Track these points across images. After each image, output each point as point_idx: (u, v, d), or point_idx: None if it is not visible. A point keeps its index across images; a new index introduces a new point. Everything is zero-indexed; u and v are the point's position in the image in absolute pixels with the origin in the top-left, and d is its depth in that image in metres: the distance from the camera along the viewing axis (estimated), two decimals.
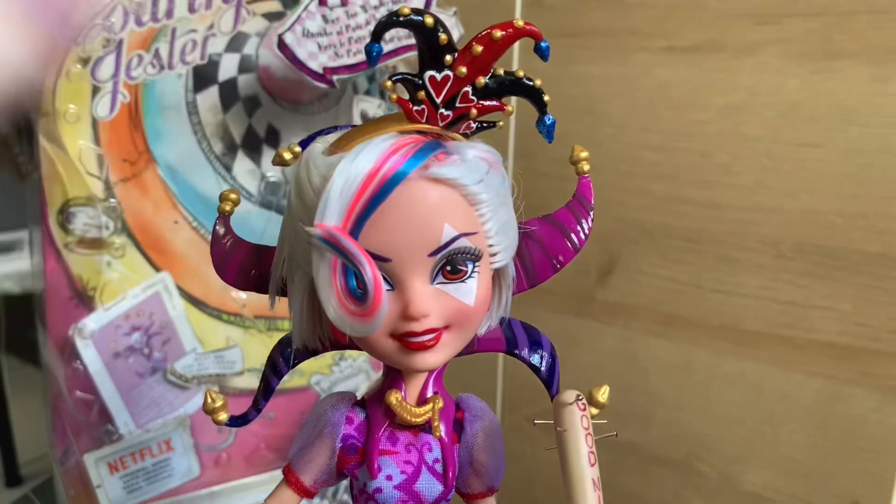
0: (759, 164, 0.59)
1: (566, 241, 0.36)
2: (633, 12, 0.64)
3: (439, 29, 0.29)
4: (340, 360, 0.68)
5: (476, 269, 0.31)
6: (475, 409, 0.37)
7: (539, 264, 0.36)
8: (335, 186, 0.28)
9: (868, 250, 0.55)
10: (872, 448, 0.57)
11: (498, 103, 0.31)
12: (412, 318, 0.30)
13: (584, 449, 0.31)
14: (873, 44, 0.53)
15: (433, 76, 0.30)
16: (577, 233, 0.36)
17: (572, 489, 0.31)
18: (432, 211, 0.29)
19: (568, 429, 0.31)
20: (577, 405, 0.31)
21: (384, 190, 0.28)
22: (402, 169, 0.28)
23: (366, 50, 0.29)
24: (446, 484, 0.36)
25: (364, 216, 0.28)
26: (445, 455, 0.35)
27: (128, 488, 0.61)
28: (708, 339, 0.64)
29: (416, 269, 0.30)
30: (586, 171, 0.36)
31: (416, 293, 0.30)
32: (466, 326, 0.32)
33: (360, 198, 0.28)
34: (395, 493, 0.35)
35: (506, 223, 0.32)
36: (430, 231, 0.30)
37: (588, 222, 0.36)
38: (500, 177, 0.32)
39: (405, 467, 0.35)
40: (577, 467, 0.31)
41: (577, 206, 0.36)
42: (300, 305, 0.33)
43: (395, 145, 0.29)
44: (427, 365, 0.32)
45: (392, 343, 0.32)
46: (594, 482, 0.31)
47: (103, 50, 0.55)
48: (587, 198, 0.36)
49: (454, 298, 0.31)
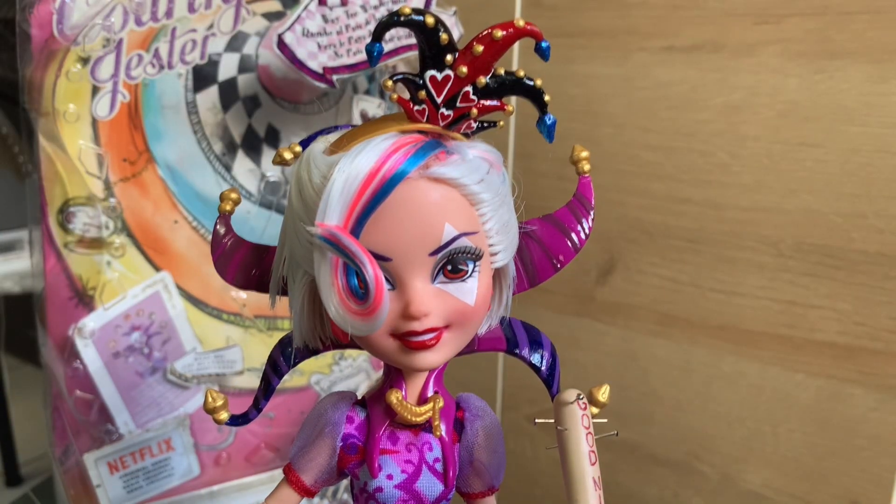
0: (758, 163, 0.59)
1: (566, 241, 0.36)
2: (632, 12, 0.64)
3: (440, 29, 0.29)
4: (340, 359, 0.68)
5: (477, 268, 0.31)
6: (475, 408, 0.37)
7: (539, 264, 0.36)
8: (336, 186, 0.28)
9: (868, 250, 0.55)
10: (872, 448, 0.57)
11: (498, 103, 0.31)
12: (413, 317, 0.30)
13: (585, 448, 0.31)
14: (873, 44, 0.53)
15: (434, 76, 0.30)
16: (578, 232, 0.36)
17: (573, 488, 0.31)
18: (433, 210, 0.29)
19: (569, 428, 0.31)
20: (577, 404, 0.31)
21: (385, 189, 0.28)
22: (403, 168, 0.28)
23: (367, 50, 0.29)
24: (447, 483, 0.36)
25: (365, 215, 0.28)
26: (446, 454, 0.36)
27: (128, 488, 0.61)
28: (708, 339, 0.64)
29: (417, 269, 0.30)
30: (587, 171, 0.36)
31: (417, 292, 0.30)
32: (467, 326, 0.32)
33: (361, 197, 0.28)
34: (395, 492, 0.35)
35: (506, 223, 0.32)
36: (430, 230, 0.30)
37: (588, 222, 0.36)
38: (501, 176, 0.32)
39: (406, 466, 0.35)
40: (578, 466, 0.31)
41: (578, 205, 0.36)
42: (301, 304, 0.33)
43: (396, 144, 0.29)
44: (428, 364, 0.32)
45: (393, 342, 0.32)
46: (595, 481, 0.31)
47: (103, 50, 0.55)
48: (588, 197, 0.36)
49: (455, 298, 0.31)
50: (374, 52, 0.30)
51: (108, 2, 0.54)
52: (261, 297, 0.35)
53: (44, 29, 0.53)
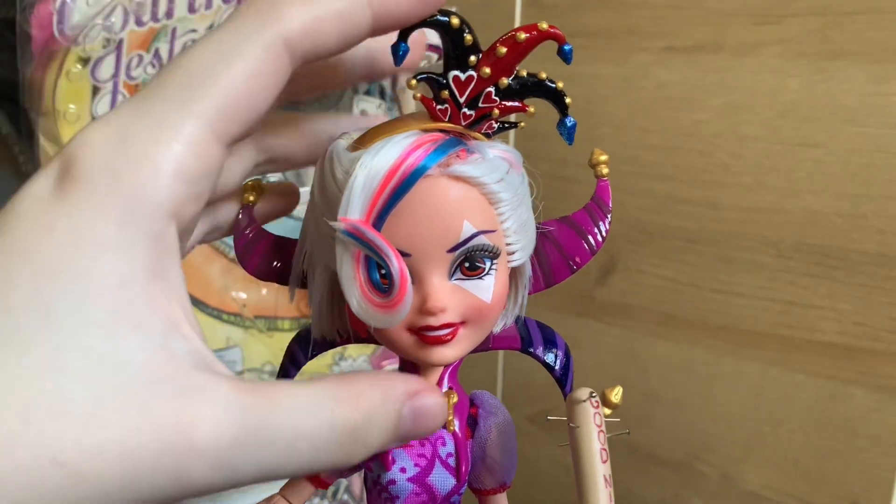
0: (758, 164, 0.59)
1: (583, 243, 0.36)
2: (632, 12, 0.64)
3: (465, 29, 0.29)
4: (340, 359, 0.68)
5: (494, 266, 0.32)
6: (489, 405, 0.38)
7: (555, 265, 0.36)
8: (358, 181, 0.28)
9: (868, 250, 0.55)
10: (872, 448, 0.57)
11: (520, 104, 0.31)
12: (430, 312, 0.31)
13: (597, 446, 0.31)
14: (873, 44, 0.53)
15: (457, 76, 0.30)
16: (595, 235, 0.36)
17: (584, 485, 0.31)
18: (452, 207, 0.30)
19: (581, 425, 0.31)
20: (590, 402, 0.32)
21: (406, 184, 0.28)
22: (424, 163, 0.29)
23: (392, 49, 0.30)
24: (459, 478, 0.36)
25: (386, 210, 0.29)
26: (459, 450, 0.36)
27: None
28: (708, 339, 0.64)
29: (435, 265, 0.30)
30: (605, 175, 0.36)
31: (435, 288, 0.31)
32: (483, 322, 0.33)
33: (383, 192, 0.28)
34: (408, 485, 0.35)
35: (524, 223, 0.33)
36: (449, 227, 0.30)
37: (605, 225, 0.36)
38: (520, 177, 0.33)
39: (419, 460, 0.35)
40: (590, 464, 0.31)
41: (595, 208, 0.36)
42: (320, 298, 0.33)
43: (417, 142, 0.29)
44: (443, 359, 0.33)
45: (409, 337, 0.32)
46: (606, 479, 0.31)
47: (103, 50, 0.55)
48: (605, 200, 0.36)
49: (471, 294, 0.31)
50: (400, 51, 0.30)
51: (109, 2, 0.54)
52: (261, 297, 0.36)
53: (44, 29, 0.53)
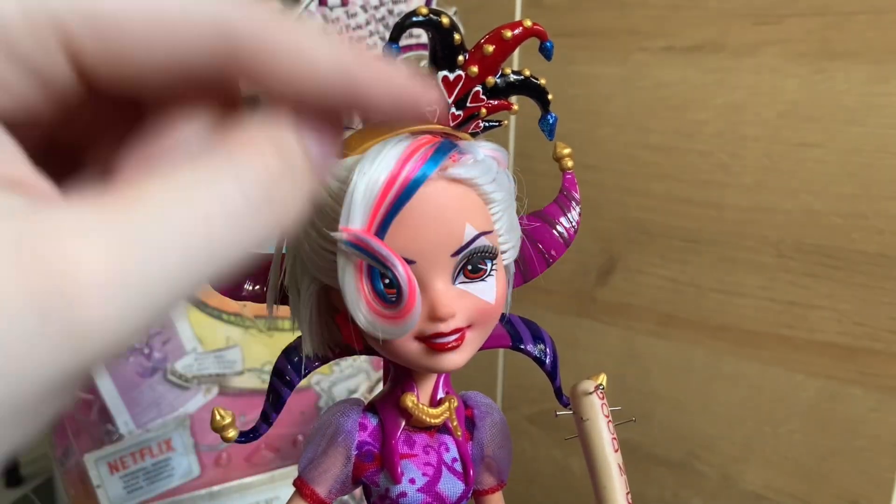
0: (758, 164, 0.59)
1: (556, 236, 0.36)
2: (632, 12, 0.64)
3: (454, 29, 0.29)
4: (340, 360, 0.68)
5: (494, 267, 0.31)
6: (483, 405, 0.38)
7: (532, 259, 0.36)
8: (357, 191, 0.28)
9: (868, 250, 0.55)
10: (872, 448, 0.57)
11: (506, 102, 0.31)
12: (440, 318, 0.30)
13: (608, 436, 0.32)
14: (873, 44, 0.53)
15: (446, 76, 0.30)
16: (566, 226, 0.36)
17: (599, 475, 0.32)
18: (453, 211, 0.29)
19: (591, 418, 0.32)
20: (596, 394, 0.32)
21: (407, 193, 0.28)
22: (423, 171, 0.28)
23: (384, 50, 0.30)
24: (467, 482, 0.36)
25: (388, 219, 0.28)
26: (463, 453, 0.36)
27: (128, 488, 0.61)
28: (708, 339, 0.64)
29: (440, 270, 0.30)
30: (570, 167, 0.37)
31: (442, 294, 0.30)
32: (488, 324, 0.32)
33: (384, 200, 0.28)
34: (419, 495, 0.35)
35: (513, 221, 0.33)
36: (452, 231, 0.30)
37: (575, 215, 0.37)
38: (507, 175, 0.33)
39: (426, 469, 0.35)
40: (603, 454, 0.32)
41: (565, 200, 0.37)
42: (309, 314, 0.33)
43: (412, 147, 0.29)
44: (453, 365, 0.32)
45: (417, 346, 0.31)
46: (620, 467, 0.32)
47: None
48: (573, 192, 0.37)
49: (476, 297, 0.31)
50: (392, 52, 0.30)
51: None
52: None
53: None
